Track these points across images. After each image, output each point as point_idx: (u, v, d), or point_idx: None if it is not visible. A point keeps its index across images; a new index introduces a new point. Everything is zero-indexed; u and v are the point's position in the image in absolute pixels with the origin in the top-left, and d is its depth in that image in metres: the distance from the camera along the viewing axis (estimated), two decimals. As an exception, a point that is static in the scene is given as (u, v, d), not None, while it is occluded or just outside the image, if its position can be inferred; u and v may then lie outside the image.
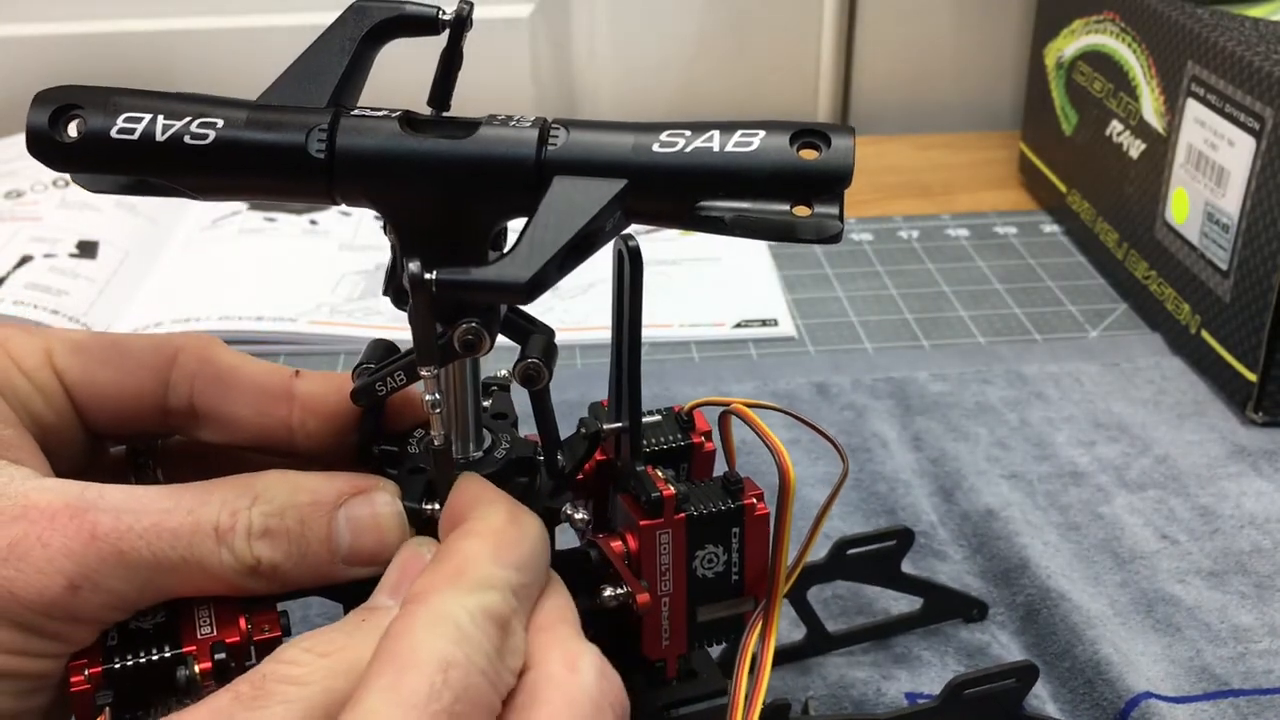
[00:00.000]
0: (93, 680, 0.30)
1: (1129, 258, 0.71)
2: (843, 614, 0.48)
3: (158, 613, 0.31)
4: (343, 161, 0.28)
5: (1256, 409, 0.60)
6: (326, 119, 0.28)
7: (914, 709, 0.42)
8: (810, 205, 0.27)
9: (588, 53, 0.96)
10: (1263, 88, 0.57)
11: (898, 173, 0.89)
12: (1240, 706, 0.44)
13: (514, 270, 0.27)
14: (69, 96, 0.29)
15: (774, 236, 0.28)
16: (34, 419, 0.33)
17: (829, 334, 0.69)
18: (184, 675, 0.30)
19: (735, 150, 0.27)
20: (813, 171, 0.27)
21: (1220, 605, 0.49)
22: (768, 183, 0.27)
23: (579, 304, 0.69)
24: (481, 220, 0.29)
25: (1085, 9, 0.75)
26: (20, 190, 0.78)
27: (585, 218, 0.27)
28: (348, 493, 0.31)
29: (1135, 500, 0.55)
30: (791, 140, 0.27)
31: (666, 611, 0.34)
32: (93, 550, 0.29)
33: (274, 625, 0.31)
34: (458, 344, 0.29)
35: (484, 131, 0.28)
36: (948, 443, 0.58)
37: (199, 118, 0.28)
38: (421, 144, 0.28)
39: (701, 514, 0.34)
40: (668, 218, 0.29)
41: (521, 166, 0.28)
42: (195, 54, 0.90)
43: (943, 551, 0.51)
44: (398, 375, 0.31)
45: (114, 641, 0.30)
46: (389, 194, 0.29)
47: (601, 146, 0.28)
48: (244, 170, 0.29)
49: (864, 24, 0.97)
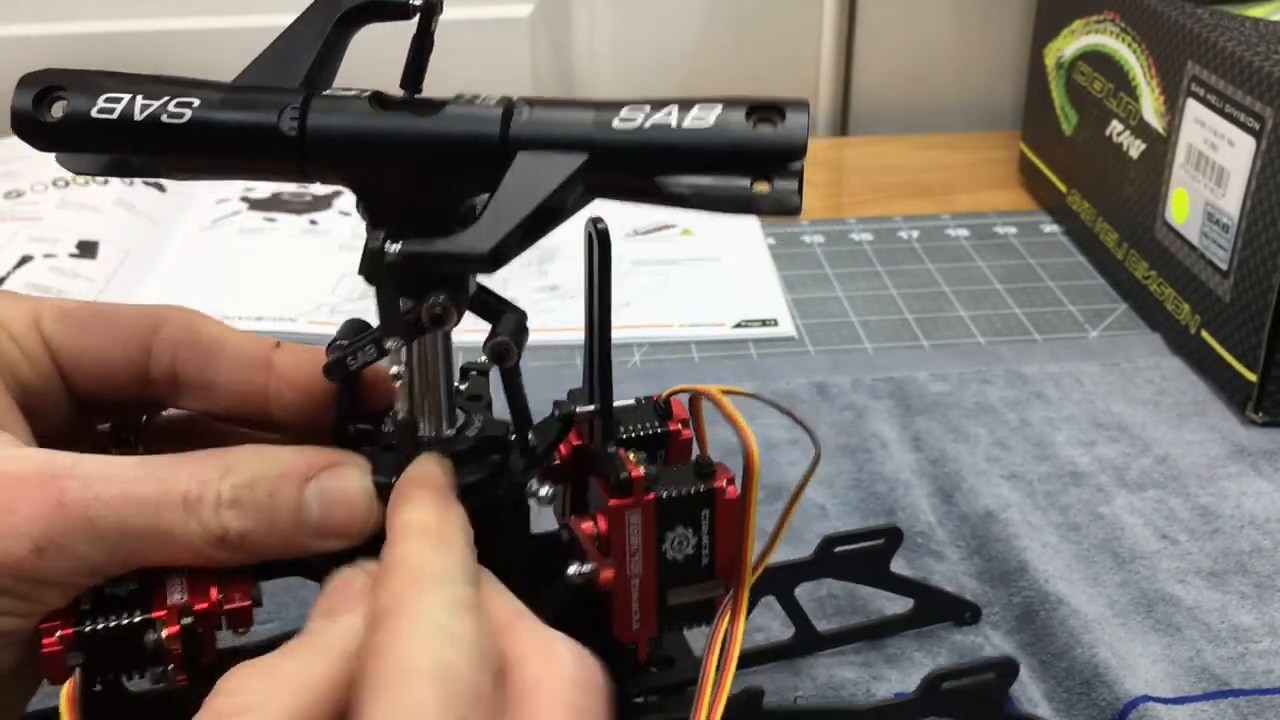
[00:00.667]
0: (64, 641, 0.30)
1: (1129, 258, 0.71)
2: (836, 613, 0.48)
3: (132, 580, 0.31)
4: (314, 139, 0.29)
5: (1256, 409, 0.60)
6: (299, 99, 0.29)
7: (892, 702, 0.42)
8: (770, 180, 0.28)
9: (588, 53, 0.96)
10: (1263, 88, 0.57)
11: (898, 173, 0.89)
12: (1240, 706, 0.44)
13: (476, 241, 0.27)
14: (53, 79, 0.30)
15: (734, 210, 0.28)
16: (20, 384, 0.33)
17: (829, 334, 0.69)
18: (152, 639, 0.31)
19: (692, 125, 0.28)
20: (767, 145, 0.28)
21: (1220, 605, 0.49)
22: (725, 157, 0.28)
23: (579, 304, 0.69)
24: (449, 196, 0.30)
25: (1085, 9, 0.75)
26: (20, 190, 0.78)
27: (546, 191, 0.28)
28: (318, 465, 0.31)
29: (1135, 500, 0.55)
30: (747, 115, 0.28)
31: (636, 593, 0.34)
32: (59, 516, 0.29)
33: (245, 595, 0.32)
34: (425, 318, 0.30)
35: (450, 110, 0.29)
36: (947, 443, 0.58)
37: (176, 98, 0.29)
38: (390, 121, 0.29)
39: (671, 496, 0.34)
40: (631, 192, 0.29)
41: (487, 142, 0.29)
42: (194, 54, 0.89)
43: (940, 552, 0.51)
44: (368, 349, 0.32)
45: (87, 606, 0.31)
46: (358, 170, 0.30)
47: (563, 123, 0.29)
48: (218, 148, 0.30)
49: (864, 24, 0.97)
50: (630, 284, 0.72)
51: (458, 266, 0.30)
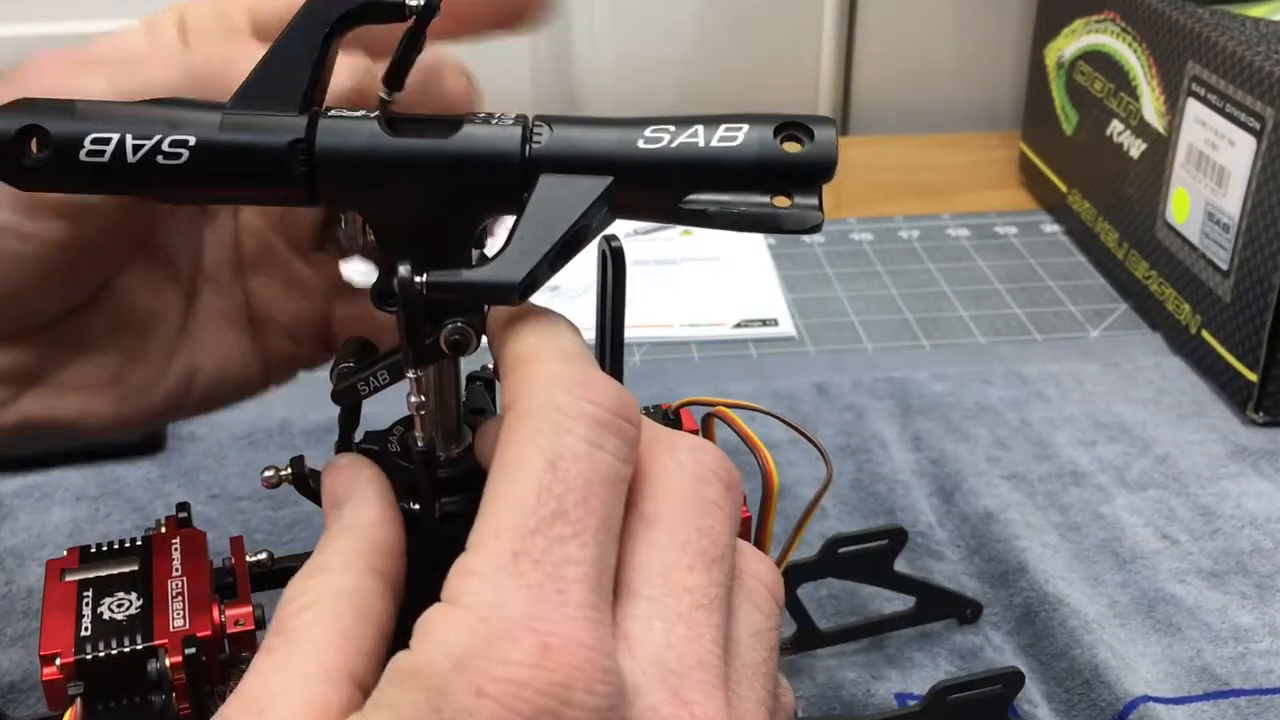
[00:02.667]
0: (65, 670, 0.30)
1: (1129, 258, 0.71)
2: (837, 613, 0.48)
3: (132, 600, 0.31)
4: (324, 167, 0.28)
5: (1257, 409, 0.60)
6: (303, 124, 0.28)
7: (899, 713, 0.42)
8: (790, 196, 0.28)
9: (588, 53, 0.96)
10: (1263, 88, 0.57)
11: (898, 173, 0.89)
12: (1240, 706, 0.44)
13: (506, 272, 0.27)
14: (31, 115, 0.27)
15: (756, 228, 0.28)
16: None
17: (829, 334, 0.69)
18: (155, 668, 0.30)
19: (720, 145, 0.28)
20: (798, 164, 0.28)
21: (1221, 605, 0.49)
22: (753, 176, 0.28)
23: (581, 303, 0.69)
24: (465, 219, 0.29)
25: (1085, 9, 0.75)
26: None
27: (574, 216, 0.27)
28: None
29: (1135, 500, 0.55)
30: (775, 133, 0.28)
31: None
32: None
33: (248, 619, 0.31)
34: (445, 344, 0.29)
35: (467, 130, 0.28)
36: (948, 443, 0.58)
37: (170, 133, 0.27)
38: (403, 145, 0.28)
39: None
40: (652, 212, 0.29)
41: (507, 164, 0.28)
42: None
43: (940, 552, 0.51)
44: (381, 375, 0.31)
45: (87, 631, 0.30)
46: (371, 195, 0.28)
47: (586, 143, 0.28)
48: (222, 182, 0.28)
49: (864, 24, 0.97)
50: (630, 284, 0.72)
51: (487, 299, 0.28)
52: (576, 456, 0.25)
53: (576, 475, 0.25)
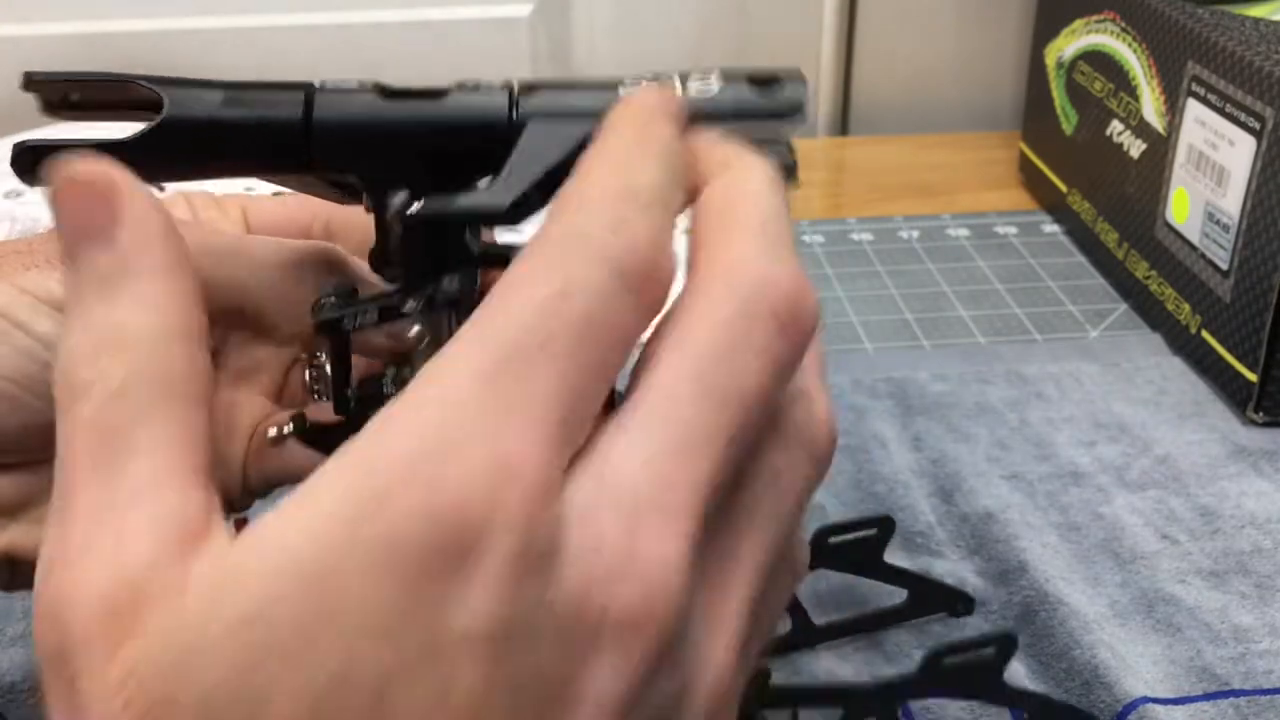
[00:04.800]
0: None
1: (1129, 258, 0.71)
2: (835, 609, 0.48)
3: None
4: (321, 132, 0.29)
5: (1257, 409, 0.60)
6: (300, 93, 0.29)
7: (894, 679, 0.42)
8: (763, 146, 0.29)
9: (588, 53, 0.96)
10: (1263, 88, 0.57)
11: (898, 173, 0.89)
12: (1241, 707, 0.44)
13: (495, 197, 0.28)
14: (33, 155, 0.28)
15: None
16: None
17: (829, 334, 0.69)
18: None
19: (697, 95, 0.29)
20: (771, 106, 0.29)
21: (1221, 605, 0.49)
22: (730, 120, 0.29)
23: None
24: (457, 181, 0.30)
25: (1085, 9, 0.75)
26: (20, 190, 0.78)
27: (562, 150, 0.28)
28: None
29: (1135, 500, 0.55)
30: (749, 81, 0.29)
31: None
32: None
33: None
34: (440, 298, 0.30)
35: (454, 96, 0.30)
36: (948, 443, 0.58)
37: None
38: (398, 109, 0.29)
39: None
40: None
41: (497, 122, 0.29)
42: (195, 54, 0.90)
43: (940, 552, 0.51)
44: (369, 311, 0.31)
45: None
46: (369, 160, 0.30)
47: (570, 99, 0.30)
48: (225, 153, 0.30)
49: (864, 24, 0.97)
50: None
51: (478, 221, 0.30)
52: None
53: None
